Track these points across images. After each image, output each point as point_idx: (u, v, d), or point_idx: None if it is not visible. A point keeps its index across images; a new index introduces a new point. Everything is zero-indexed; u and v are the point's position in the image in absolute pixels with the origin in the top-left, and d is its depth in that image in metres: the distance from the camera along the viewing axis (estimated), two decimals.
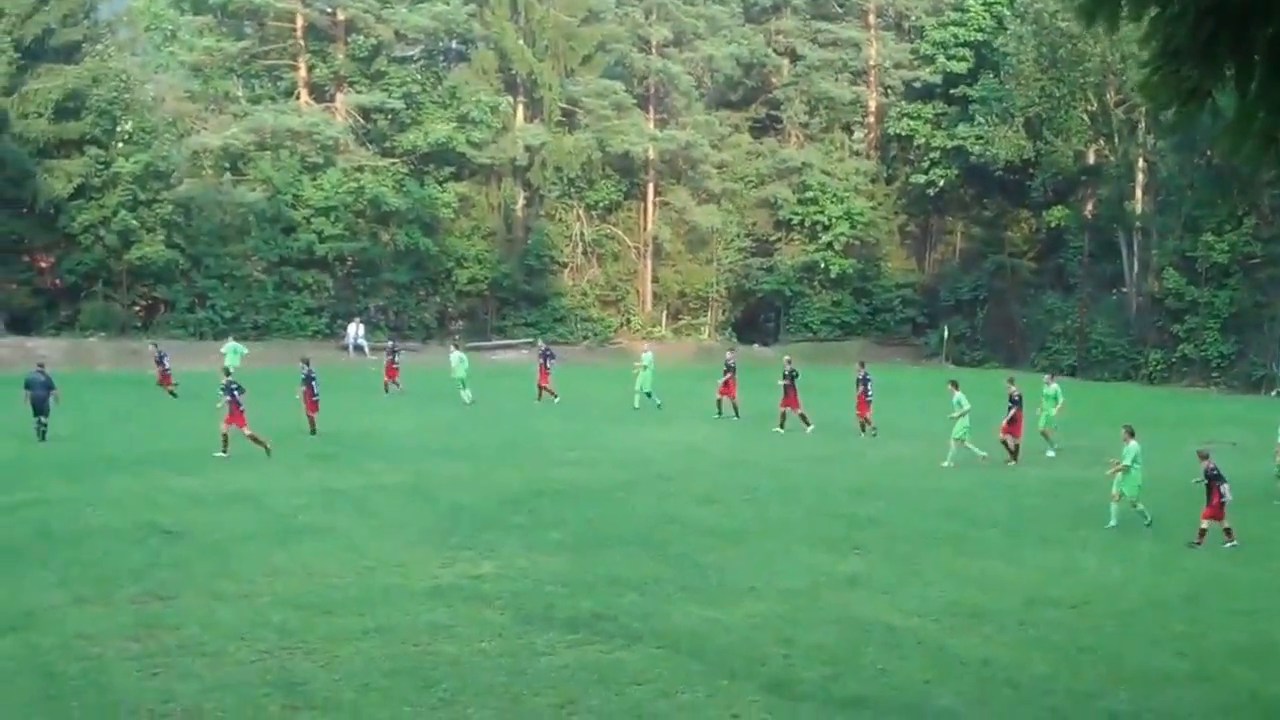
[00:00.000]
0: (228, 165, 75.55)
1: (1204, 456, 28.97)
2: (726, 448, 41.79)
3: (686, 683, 17.82)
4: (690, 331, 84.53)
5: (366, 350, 67.75)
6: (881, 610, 21.97)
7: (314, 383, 42.40)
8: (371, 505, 30.33)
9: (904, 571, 24.81)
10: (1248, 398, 65.69)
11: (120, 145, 70.54)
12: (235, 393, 37.88)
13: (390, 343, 61.62)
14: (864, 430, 44.59)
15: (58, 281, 72.15)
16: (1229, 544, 27.79)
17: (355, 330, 69.42)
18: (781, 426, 45.31)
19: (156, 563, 24.06)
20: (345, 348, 68.63)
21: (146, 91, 74.82)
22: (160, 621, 20.24)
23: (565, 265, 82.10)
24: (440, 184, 77.80)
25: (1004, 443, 39.48)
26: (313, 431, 41.62)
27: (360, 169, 75.31)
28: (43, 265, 73.05)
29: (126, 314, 71.33)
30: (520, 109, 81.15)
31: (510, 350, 74.70)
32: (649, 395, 50.19)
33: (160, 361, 53.56)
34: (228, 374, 40.37)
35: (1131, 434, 29.86)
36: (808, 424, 45.33)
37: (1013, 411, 39.55)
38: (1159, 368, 73.39)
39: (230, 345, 54.16)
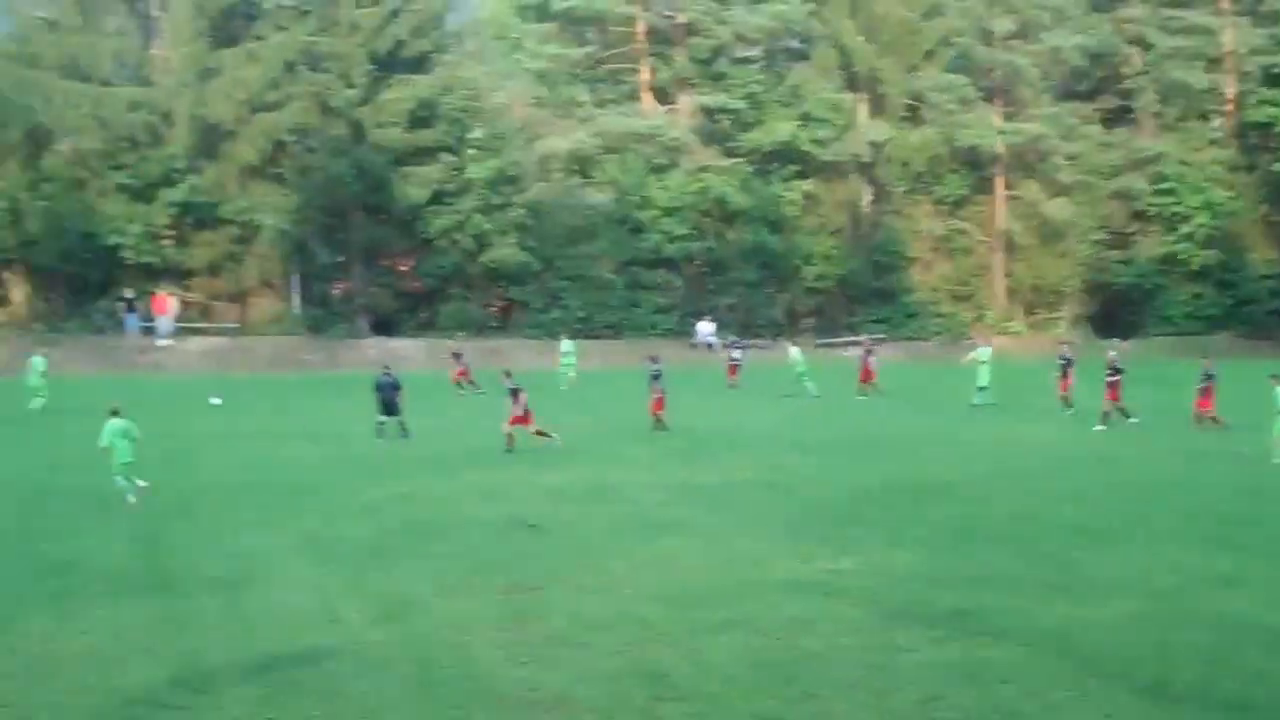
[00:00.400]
0: (575, 168, 76.95)
1: None
2: (1086, 444, 40.79)
3: (1055, 682, 17.34)
4: (1047, 326, 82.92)
5: (717, 348, 68.22)
6: (1260, 610, 21.03)
7: (659, 380, 42.67)
8: (729, 500, 30.43)
9: None
10: None
11: (471, 152, 72.43)
12: (516, 393, 38.68)
13: (732, 339, 62.11)
14: (1207, 423, 43.29)
15: (417, 284, 74.41)
16: None
17: (705, 328, 69.95)
18: (1118, 417, 44.19)
19: (522, 555, 24.58)
20: (695, 345, 69.20)
21: (495, 99, 76.66)
22: (527, 612, 20.63)
23: (914, 261, 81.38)
24: (785, 182, 77.96)
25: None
26: (658, 427, 41.99)
27: (705, 169, 75.93)
28: (403, 269, 75.45)
29: (483, 315, 73.15)
30: (863, 106, 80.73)
31: (860, 347, 74.50)
32: (983, 389, 49.37)
33: (458, 358, 55.08)
34: (508, 375, 41.00)
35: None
36: (1127, 416, 44.16)
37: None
38: None
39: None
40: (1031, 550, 25.18)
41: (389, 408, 41.54)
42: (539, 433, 38.70)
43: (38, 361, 48.24)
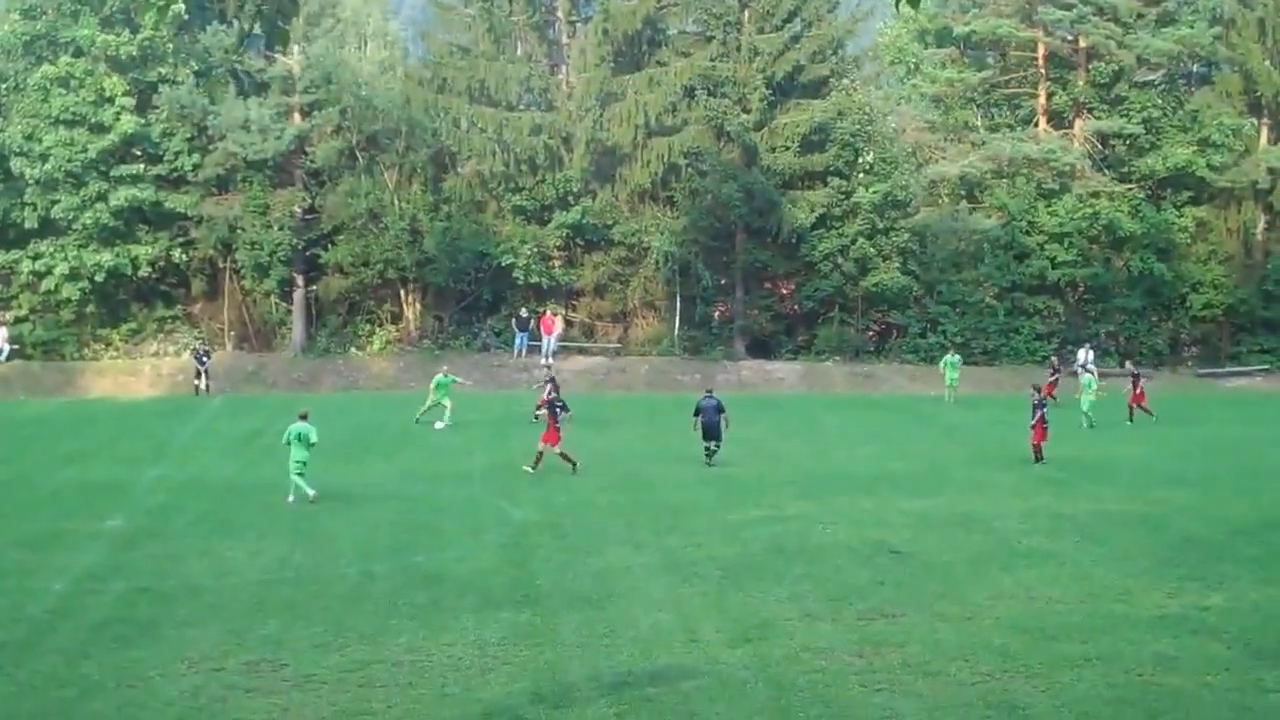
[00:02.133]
0: (964, 193, 76.51)
1: None
2: None
3: None
4: None
5: (1094, 373, 66.92)
6: None
7: (1043, 410, 41.95)
8: (1098, 532, 30.15)
9: None
10: None
11: (861, 176, 72.64)
12: (559, 410, 38.79)
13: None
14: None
15: (796, 307, 75.01)
16: None
17: (1085, 356, 68.83)
18: None
19: (884, 581, 24.91)
20: (1074, 373, 68.13)
21: (888, 123, 76.83)
22: (885, 639, 20.97)
23: None
24: (1177, 208, 76.14)
25: None
26: (1038, 459, 41.02)
27: (1096, 195, 74.63)
28: (784, 292, 76.14)
29: (859, 338, 73.37)
30: (1264, 130, 78.31)
31: (1244, 377, 72.14)
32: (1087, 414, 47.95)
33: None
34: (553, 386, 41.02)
35: None
36: None
37: None
38: None
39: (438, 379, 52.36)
40: None
41: (710, 431, 40.53)
42: (564, 455, 38.67)
43: (440, 378, 49.85)
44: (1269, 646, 20.65)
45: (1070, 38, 77.02)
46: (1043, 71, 77.51)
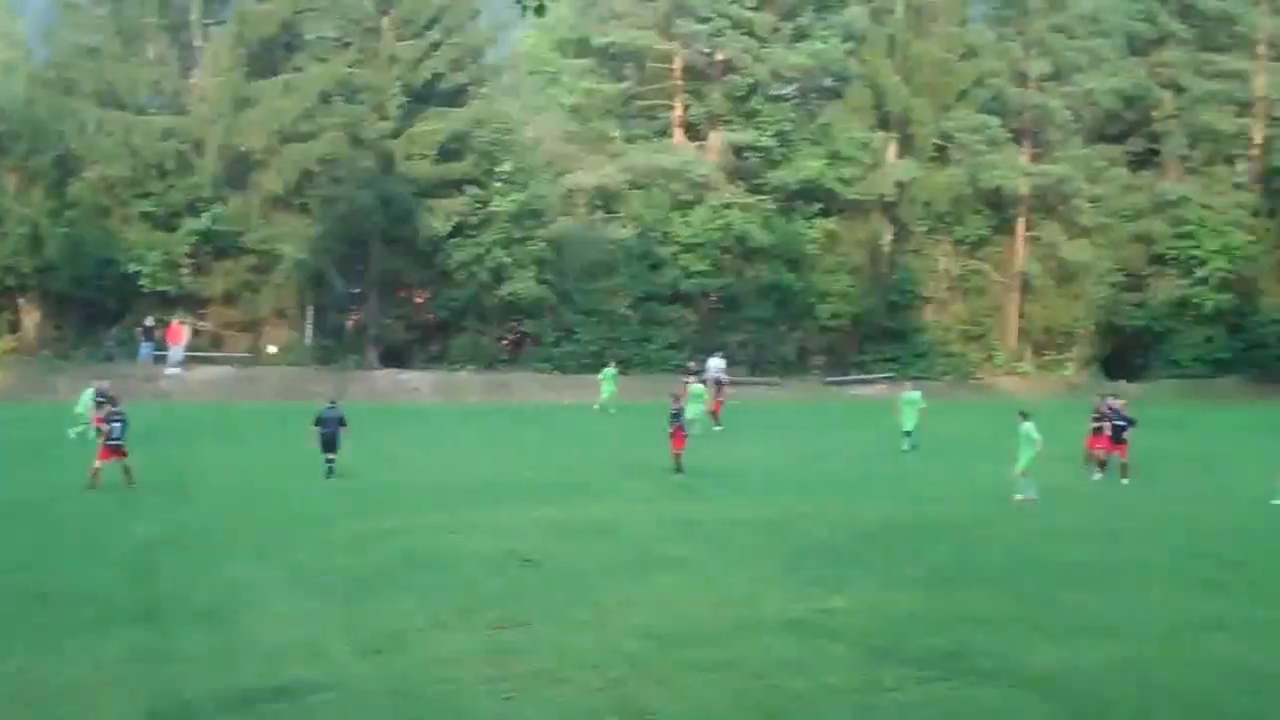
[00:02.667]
0: (600, 203, 77.07)
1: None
2: (1089, 487, 40.80)
3: None
4: (1054, 367, 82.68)
5: (725, 383, 67.91)
6: (1245, 654, 21.24)
7: (679, 419, 42.10)
8: (727, 538, 30.50)
9: (1272, 615, 23.93)
10: None
11: (498, 185, 72.48)
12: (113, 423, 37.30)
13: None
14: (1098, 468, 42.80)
15: (431, 316, 74.55)
16: None
17: (715, 365, 69.88)
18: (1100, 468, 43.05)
19: (515, 590, 24.70)
20: (704, 382, 69.07)
21: (526, 133, 76.92)
22: (516, 648, 20.77)
23: (929, 300, 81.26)
24: (808, 220, 77.97)
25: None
26: (677, 468, 41.00)
27: (729, 206, 75.99)
28: (419, 300, 75.59)
29: (494, 347, 73.27)
30: (892, 145, 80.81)
31: (868, 385, 74.30)
32: (908, 434, 48.03)
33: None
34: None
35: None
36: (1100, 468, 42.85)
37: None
38: None
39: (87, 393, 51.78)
40: (1023, 591, 25.36)
41: (329, 444, 39.45)
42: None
43: (88, 393, 47.82)
44: (887, 647, 21.12)
45: (707, 51, 78.24)
46: (679, 84, 78.56)
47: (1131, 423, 41.57)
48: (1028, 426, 37.26)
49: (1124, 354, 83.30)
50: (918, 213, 79.06)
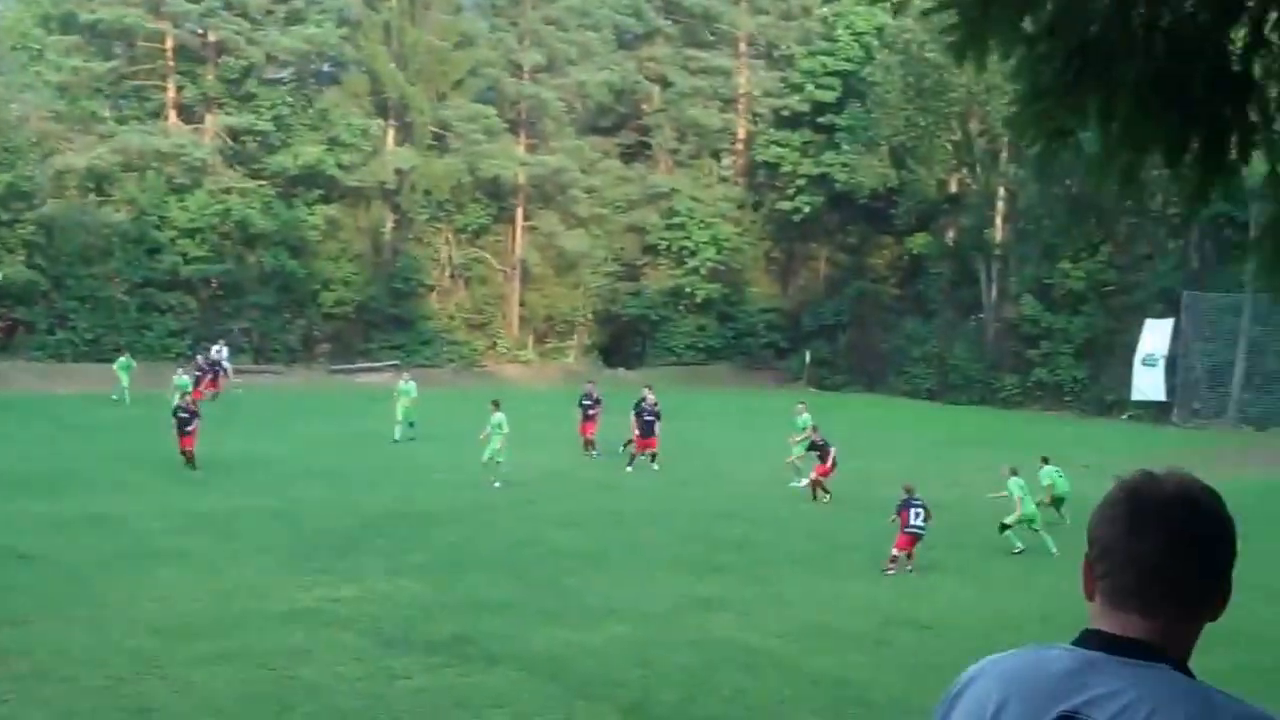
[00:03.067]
0: (92, 186, 74.52)
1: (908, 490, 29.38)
2: (592, 471, 41.85)
3: (544, 706, 17.92)
4: (556, 355, 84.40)
5: (230, 373, 66.95)
6: (740, 631, 22.24)
7: (183, 412, 41.01)
8: (233, 528, 30.09)
9: (764, 593, 25.14)
10: (1100, 421, 66.74)
11: None
12: None
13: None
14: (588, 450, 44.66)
15: None
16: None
17: (219, 352, 68.73)
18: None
19: (10, 587, 23.75)
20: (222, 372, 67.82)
21: (10, 111, 73.71)
22: (12, 647, 19.97)
23: (432, 288, 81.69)
24: (309, 206, 77.26)
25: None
26: (188, 464, 39.55)
27: (228, 191, 74.66)
28: None
29: None
30: (391, 132, 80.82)
31: (375, 373, 74.25)
32: (411, 425, 48.20)
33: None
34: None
35: (1014, 471, 29.11)
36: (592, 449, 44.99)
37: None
38: (1014, 392, 74.16)
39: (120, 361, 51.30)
40: (528, 576, 25.87)
41: None
42: None
43: None
44: (397, 634, 21.21)
45: (200, 31, 76.74)
46: (172, 64, 76.71)
47: (658, 416, 42.45)
48: (499, 417, 37.96)
49: (622, 342, 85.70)
50: (418, 200, 79.36)
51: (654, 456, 42.05)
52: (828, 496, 36.89)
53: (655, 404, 42.75)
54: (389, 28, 79.72)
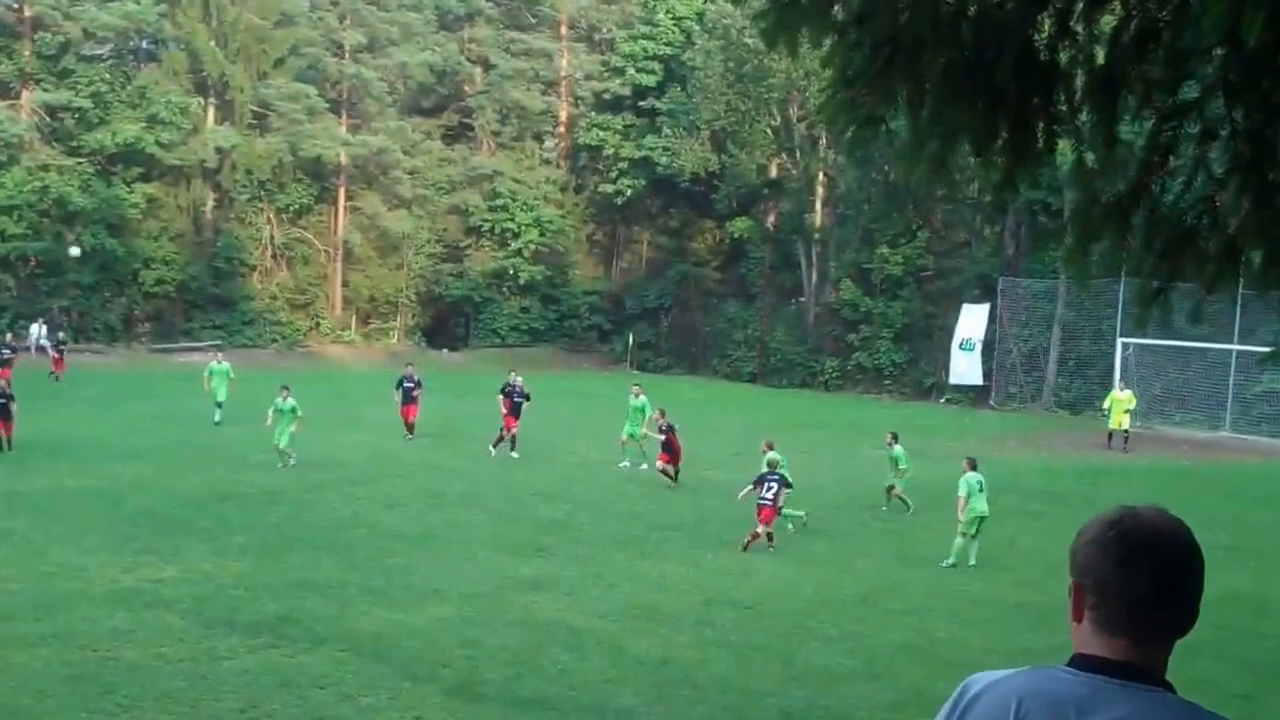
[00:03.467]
0: None
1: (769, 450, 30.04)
2: (415, 453, 41.74)
3: (369, 686, 17.95)
4: (380, 336, 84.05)
5: (50, 351, 65.85)
6: (564, 612, 22.43)
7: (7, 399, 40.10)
8: (54, 509, 29.62)
9: (586, 573, 25.34)
10: (918, 404, 68.00)
11: None
12: None
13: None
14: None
15: None
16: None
17: (38, 331, 67.56)
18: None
19: None
20: (29, 349, 66.71)
21: None
22: None
23: (254, 268, 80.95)
24: (128, 185, 76.08)
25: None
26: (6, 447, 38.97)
27: (45, 168, 73.33)
28: None
29: None
30: (211, 111, 79.85)
31: (198, 353, 73.35)
32: (219, 405, 46.74)
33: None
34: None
35: (973, 465, 28.30)
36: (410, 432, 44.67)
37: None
38: (834, 375, 75.35)
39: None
40: (352, 556, 25.84)
41: None
42: None
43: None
44: (220, 615, 21.11)
45: (15, 6, 75.35)
46: None
47: (527, 397, 42.26)
48: (289, 402, 37.67)
49: (445, 323, 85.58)
50: (239, 180, 78.63)
51: (514, 441, 41.69)
52: (671, 482, 37.13)
53: (522, 386, 42.63)
54: (208, 5, 78.79)
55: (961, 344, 66.36)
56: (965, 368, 66.49)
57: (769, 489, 28.88)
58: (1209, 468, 46.53)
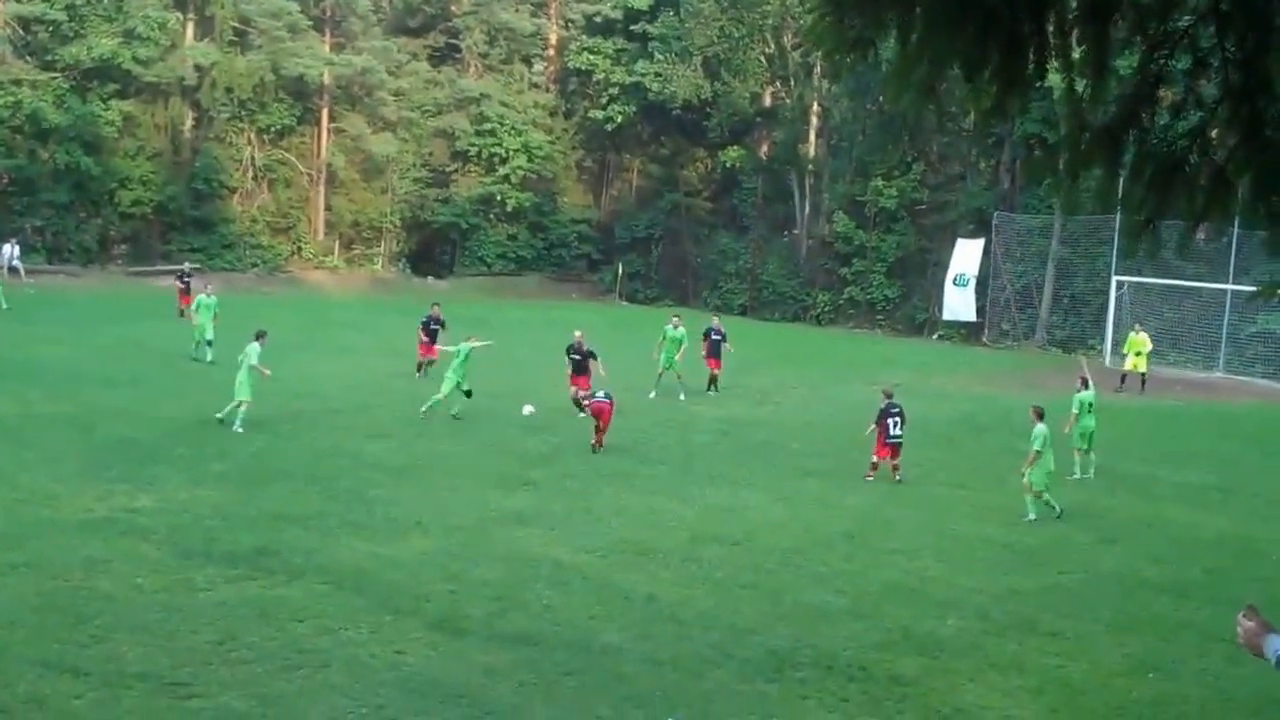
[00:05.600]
0: None
1: (888, 395, 29.69)
2: (399, 382, 41.10)
3: (350, 619, 17.69)
4: (364, 262, 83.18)
5: (22, 272, 65.08)
6: (549, 546, 22.11)
7: None
8: (25, 435, 29.08)
9: (573, 508, 25.00)
10: (911, 340, 67.61)
11: None
12: None
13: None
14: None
15: None
16: (897, 478, 28.79)
17: (10, 251, 66.72)
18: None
19: None
20: (0, 269, 65.92)
21: None
22: None
23: (234, 190, 79.84)
24: (104, 101, 75.01)
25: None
26: None
27: (18, 82, 72.23)
28: None
29: None
30: (190, 26, 78.70)
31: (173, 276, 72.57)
32: (209, 344, 43.57)
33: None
34: None
35: (1040, 415, 27.02)
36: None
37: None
38: (826, 309, 74.82)
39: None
40: (334, 488, 25.46)
41: None
42: None
43: None
44: (197, 546, 20.80)
45: None
46: None
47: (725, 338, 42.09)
48: (253, 346, 35.83)
49: (431, 250, 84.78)
50: (219, 99, 77.34)
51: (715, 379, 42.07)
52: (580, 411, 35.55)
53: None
54: None
55: (955, 279, 65.67)
56: (959, 304, 65.79)
57: (894, 424, 29.00)
58: (1202, 408, 46.20)
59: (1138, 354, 47.45)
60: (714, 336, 41.66)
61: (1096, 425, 30.13)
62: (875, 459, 29.06)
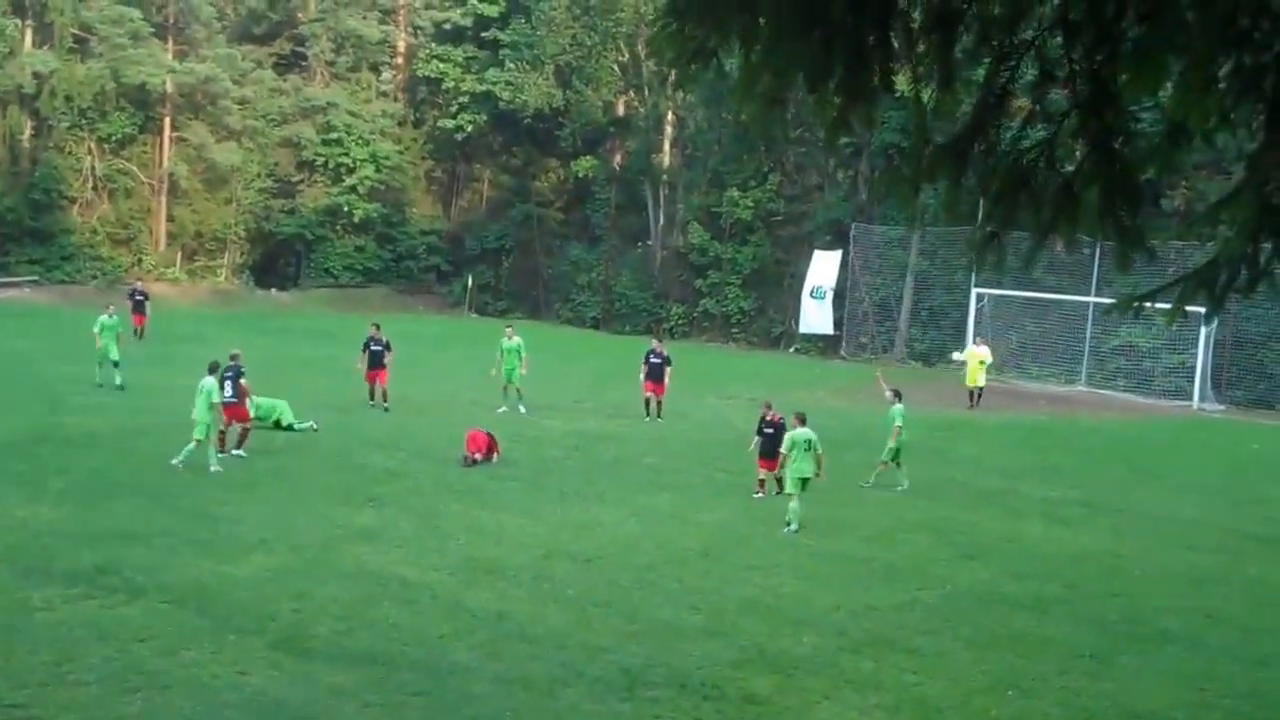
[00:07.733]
0: None
1: (768, 408, 29.57)
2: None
3: (192, 639, 17.39)
4: (206, 274, 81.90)
5: None
6: (397, 564, 21.85)
7: None
8: None
9: (421, 525, 24.71)
10: (766, 353, 67.68)
11: None
12: None
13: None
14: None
15: None
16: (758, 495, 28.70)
17: None
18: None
19: None
20: None
21: None
22: None
23: (74, 201, 78.37)
24: None
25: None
26: None
27: None
28: None
29: None
30: (29, 33, 77.28)
31: (13, 289, 71.10)
32: (115, 364, 41.73)
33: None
34: None
35: (802, 420, 26.96)
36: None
37: None
38: (680, 322, 74.69)
39: None
40: (176, 505, 25.01)
41: None
42: None
43: None
44: (34, 564, 20.42)
45: None
46: None
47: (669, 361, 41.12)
48: (209, 380, 35.08)
49: (276, 261, 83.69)
50: (59, 107, 75.90)
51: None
52: None
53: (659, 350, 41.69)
54: None
55: (812, 292, 65.69)
56: (816, 316, 65.81)
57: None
58: (1064, 423, 46.64)
59: (981, 363, 47.82)
60: (653, 360, 40.93)
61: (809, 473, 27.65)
62: (761, 474, 28.92)
